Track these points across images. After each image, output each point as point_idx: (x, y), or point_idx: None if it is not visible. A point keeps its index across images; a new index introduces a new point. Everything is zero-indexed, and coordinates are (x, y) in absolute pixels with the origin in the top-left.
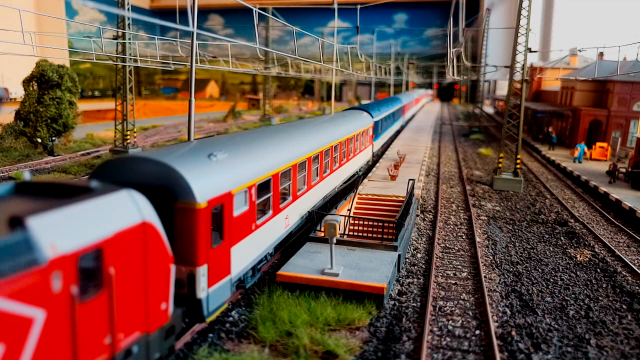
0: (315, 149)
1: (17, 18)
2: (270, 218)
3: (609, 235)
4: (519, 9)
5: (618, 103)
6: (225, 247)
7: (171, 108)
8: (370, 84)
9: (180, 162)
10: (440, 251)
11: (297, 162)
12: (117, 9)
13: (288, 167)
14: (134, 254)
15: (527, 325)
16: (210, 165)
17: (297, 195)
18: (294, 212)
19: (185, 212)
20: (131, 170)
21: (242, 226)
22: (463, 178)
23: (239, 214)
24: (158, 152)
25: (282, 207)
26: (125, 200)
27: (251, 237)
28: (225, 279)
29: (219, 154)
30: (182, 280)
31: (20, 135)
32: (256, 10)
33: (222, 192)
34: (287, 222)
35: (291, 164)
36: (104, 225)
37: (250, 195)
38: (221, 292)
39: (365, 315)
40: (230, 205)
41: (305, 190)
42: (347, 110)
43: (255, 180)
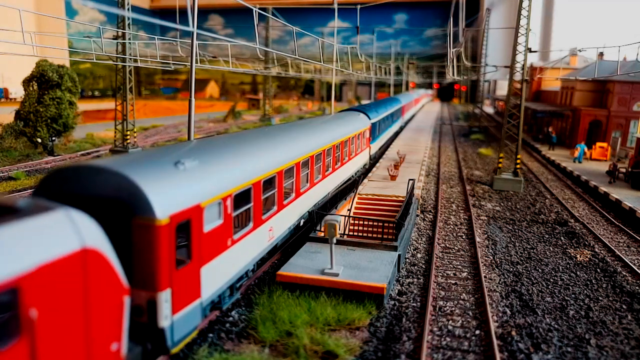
0: (305, 154)
1: (17, 18)
2: (251, 231)
3: (609, 235)
4: (519, 9)
5: (618, 103)
6: (193, 267)
7: (171, 108)
8: (370, 84)
9: (139, 172)
10: (440, 251)
11: (284, 169)
12: (117, 9)
13: (272, 174)
14: (70, 288)
15: (527, 325)
16: (176, 174)
17: (283, 204)
18: (279, 223)
19: (143, 230)
20: (84, 181)
21: (215, 242)
22: (463, 178)
23: (210, 229)
24: (115, 160)
25: (265, 219)
26: (61, 222)
27: (227, 254)
28: (194, 304)
29: (187, 162)
30: (141, 307)
31: (20, 135)
32: (256, 10)
33: (189, 206)
34: (271, 235)
35: (276, 171)
36: (24, 256)
37: (225, 207)
38: (189, 319)
39: (365, 315)
40: (199, 219)
41: (292, 198)
42: (343, 111)
43: (232, 190)
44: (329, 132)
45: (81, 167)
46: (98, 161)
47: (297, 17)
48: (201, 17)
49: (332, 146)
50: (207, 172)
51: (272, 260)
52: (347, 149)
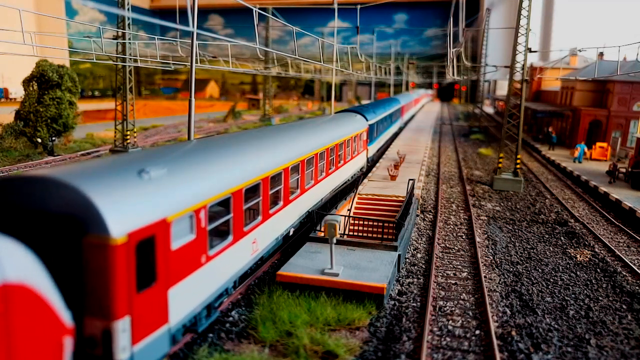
0: (294, 158)
1: (17, 18)
2: (230, 245)
3: (609, 235)
4: (519, 9)
5: (618, 103)
6: (159, 289)
7: (171, 108)
8: (370, 84)
9: (92, 184)
10: (440, 251)
11: (269, 175)
12: (117, 9)
13: (256, 181)
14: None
15: (527, 325)
16: (138, 185)
17: (269, 214)
18: (265, 234)
19: (96, 250)
20: (29, 194)
21: (186, 260)
22: (463, 178)
23: (180, 246)
24: (67, 169)
25: (247, 230)
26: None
27: (201, 273)
28: (159, 331)
29: (153, 170)
30: (95, 338)
31: (20, 135)
32: (256, 10)
33: (152, 221)
34: (255, 247)
35: (260, 178)
36: None
37: (198, 220)
38: (154, 348)
39: (365, 315)
40: (165, 235)
41: (280, 207)
42: (339, 112)
43: (206, 201)
44: (322, 134)
45: (26, 178)
46: (46, 170)
47: (297, 17)
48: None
49: (326, 149)
50: (176, 181)
51: (272, 260)
52: (343, 152)
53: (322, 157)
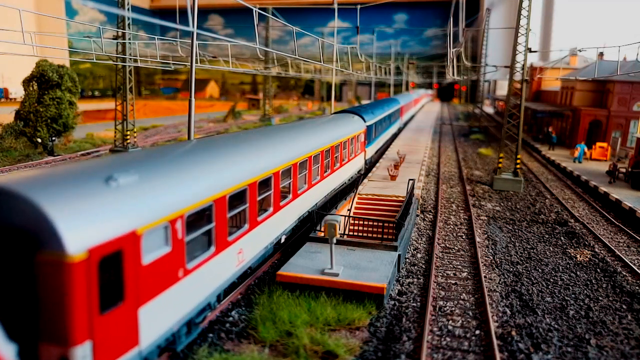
0: (286, 161)
1: (17, 18)
2: (212, 257)
3: (609, 235)
4: (519, 9)
5: (618, 103)
6: (127, 309)
7: (171, 108)
8: (370, 84)
9: (47, 193)
10: (440, 251)
11: (257, 180)
12: (117, 9)
13: (242, 186)
14: None
15: (527, 325)
16: (104, 194)
17: (257, 221)
18: (252, 244)
19: (50, 268)
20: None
21: (160, 275)
22: (463, 178)
23: (153, 260)
24: (21, 176)
25: (232, 240)
26: None
27: (178, 288)
28: (128, 354)
29: (122, 177)
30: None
31: (20, 135)
32: (256, 10)
33: (119, 234)
34: (240, 258)
35: (247, 183)
36: None
37: (174, 231)
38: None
39: (365, 315)
40: (135, 250)
41: (270, 213)
42: (336, 113)
43: (183, 210)
44: (316, 136)
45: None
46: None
47: (297, 17)
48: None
49: (321, 152)
50: (149, 188)
51: (272, 260)
52: (339, 154)
53: (317, 159)
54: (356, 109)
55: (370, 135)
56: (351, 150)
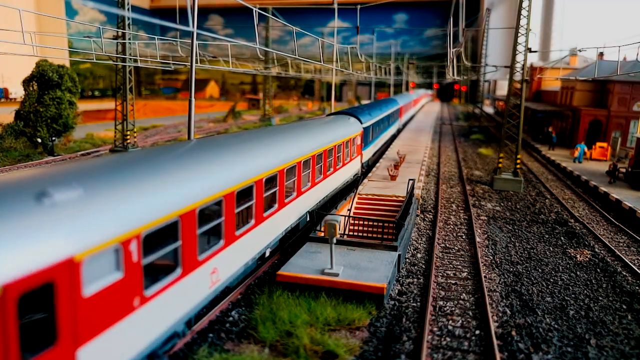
0: (271, 168)
1: (17, 18)
2: (178, 280)
3: (609, 235)
4: (519, 9)
5: (618, 103)
6: (62, 352)
7: (171, 108)
8: (370, 84)
9: None
10: (440, 251)
11: (237, 189)
12: (117, 9)
13: (216, 198)
14: None
15: (527, 325)
16: (32, 214)
17: (234, 236)
18: (228, 261)
19: None
20: None
21: (109, 307)
22: (463, 178)
23: (98, 290)
24: None
25: (203, 259)
26: None
27: (133, 319)
28: None
29: (59, 192)
30: None
31: (20, 135)
32: (256, 11)
33: (50, 262)
34: (214, 278)
35: (223, 193)
36: None
37: (127, 254)
38: None
39: (365, 315)
40: (72, 280)
41: (252, 225)
42: (331, 115)
43: (140, 229)
44: (308, 139)
45: None
46: None
47: (297, 17)
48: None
49: (312, 156)
50: (94, 204)
51: (272, 260)
52: (333, 158)
53: (307, 165)
54: (352, 110)
55: (367, 138)
56: (346, 153)
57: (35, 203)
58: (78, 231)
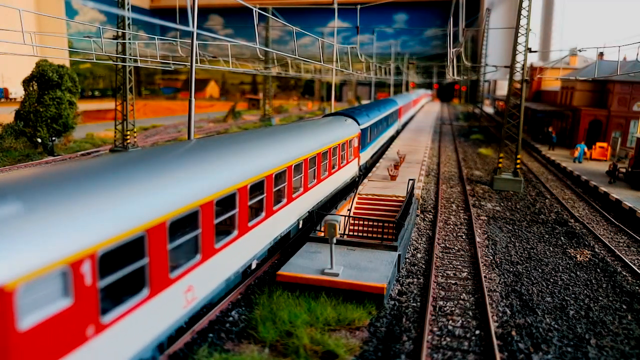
0: (257, 174)
1: (17, 18)
2: (144, 301)
3: (609, 235)
4: (519, 9)
5: (618, 103)
6: None
7: (171, 108)
8: (370, 84)
9: None
10: (440, 251)
11: (216, 198)
12: (117, 9)
13: (191, 208)
14: None
15: (527, 325)
16: None
17: (214, 249)
18: (206, 277)
19: None
20: None
21: (53, 340)
22: (463, 178)
23: (40, 321)
24: None
25: (176, 277)
26: None
27: (84, 351)
28: None
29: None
30: None
31: (20, 135)
32: (256, 11)
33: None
34: (190, 297)
35: (199, 203)
36: None
37: (78, 277)
38: None
39: (365, 315)
40: (4, 311)
41: (234, 237)
42: (327, 116)
43: (95, 247)
44: (301, 142)
45: None
46: None
47: (297, 17)
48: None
49: (304, 160)
50: (36, 221)
51: (272, 259)
52: (327, 162)
53: (299, 169)
54: (349, 111)
55: (365, 140)
56: (342, 156)
57: None
58: (9, 255)
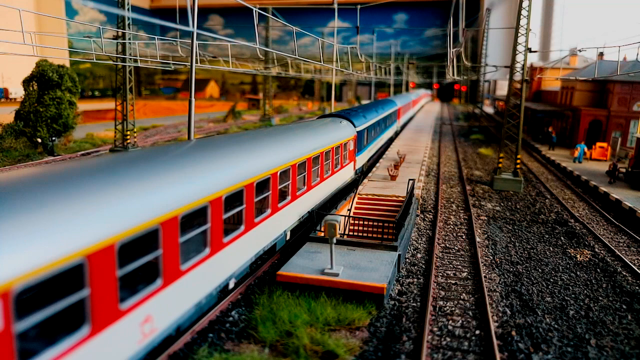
0: (235, 182)
1: (17, 18)
2: (85, 341)
3: (609, 235)
4: (518, 9)
5: (618, 103)
6: None
7: (171, 108)
8: (370, 84)
9: None
10: (440, 251)
11: (180, 213)
12: (117, 9)
13: (148, 227)
14: None
15: (527, 325)
16: None
17: (180, 271)
18: (170, 304)
19: None
20: None
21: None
22: (463, 178)
23: None
24: None
25: (127, 308)
26: None
27: None
28: None
29: None
30: None
31: (20, 135)
32: (256, 11)
33: None
34: (148, 329)
35: (158, 220)
36: None
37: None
38: None
39: (365, 315)
40: None
41: (207, 255)
42: (322, 117)
43: (9, 283)
44: (288, 146)
45: None
46: None
47: (297, 17)
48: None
49: (292, 166)
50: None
51: (272, 259)
52: (319, 167)
53: (286, 176)
54: (345, 113)
55: (362, 142)
56: (337, 161)
57: None
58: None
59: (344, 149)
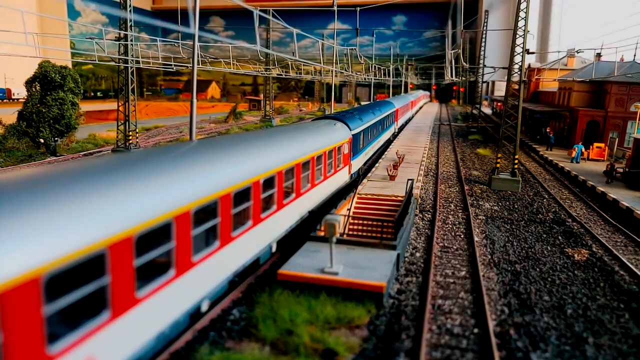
0: (209, 194)
1: (20, 19)
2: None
3: (607, 235)
4: (517, 10)
5: (615, 104)
6: None
7: (173, 109)
8: (369, 85)
9: None
10: (439, 250)
11: (135, 233)
12: (119, 11)
13: (91, 251)
14: None
15: (525, 324)
16: None
17: (134, 299)
18: (120, 339)
19: None
20: None
21: None
22: (461, 178)
23: None
24: None
25: (62, 349)
26: None
27: None
28: None
29: None
30: None
31: (23, 135)
32: (257, 13)
33: None
34: None
35: (106, 243)
36: None
37: None
38: None
39: (365, 314)
40: None
41: (172, 277)
42: (316, 120)
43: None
44: (275, 151)
45: None
46: None
47: (298, 19)
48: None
49: (278, 172)
50: None
51: (272, 259)
52: (310, 172)
53: (271, 183)
54: (340, 115)
55: (357, 146)
56: (330, 165)
57: None
58: None
59: (339, 152)
